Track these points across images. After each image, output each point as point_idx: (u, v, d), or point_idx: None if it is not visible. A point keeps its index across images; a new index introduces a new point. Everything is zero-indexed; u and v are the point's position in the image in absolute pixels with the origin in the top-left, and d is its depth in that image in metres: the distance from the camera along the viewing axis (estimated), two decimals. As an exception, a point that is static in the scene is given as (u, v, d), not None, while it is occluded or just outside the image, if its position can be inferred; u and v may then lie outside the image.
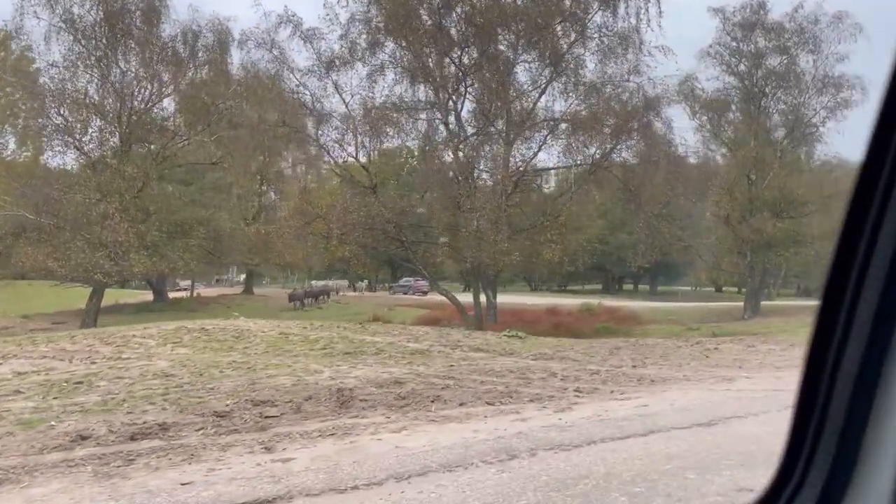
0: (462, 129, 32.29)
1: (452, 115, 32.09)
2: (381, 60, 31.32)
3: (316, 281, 69.97)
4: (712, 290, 78.03)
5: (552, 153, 33.12)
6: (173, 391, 10.28)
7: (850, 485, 1.73)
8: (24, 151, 42.33)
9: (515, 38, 31.30)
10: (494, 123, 31.78)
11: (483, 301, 31.71)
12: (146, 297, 55.07)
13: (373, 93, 31.62)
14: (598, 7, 30.85)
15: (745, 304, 45.24)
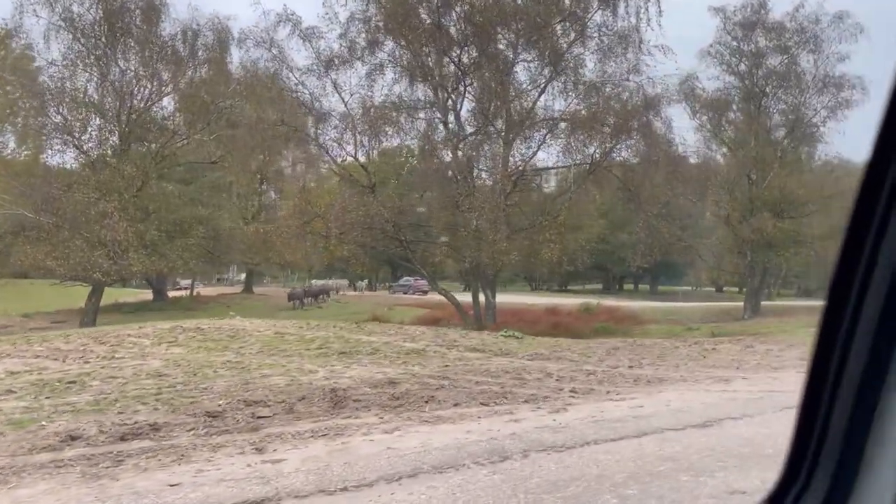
0: (461, 129, 32.25)
1: (452, 115, 32.06)
2: (380, 59, 31.30)
3: (316, 280, 70.00)
4: (713, 290, 77.99)
5: (551, 152, 33.07)
6: (166, 391, 10.23)
7: (856, 485, 1.73)
8: (24, 150, 42.24)
9: (515, 37, 31.23)
10: (494, 123, 31.71)
11: (482, 301, 31.65)
12: (146, 296, 55.07)
13: (372, 92, 31.61)
14: (597, 6, 30.79)
15: (745, 305, 45.22)
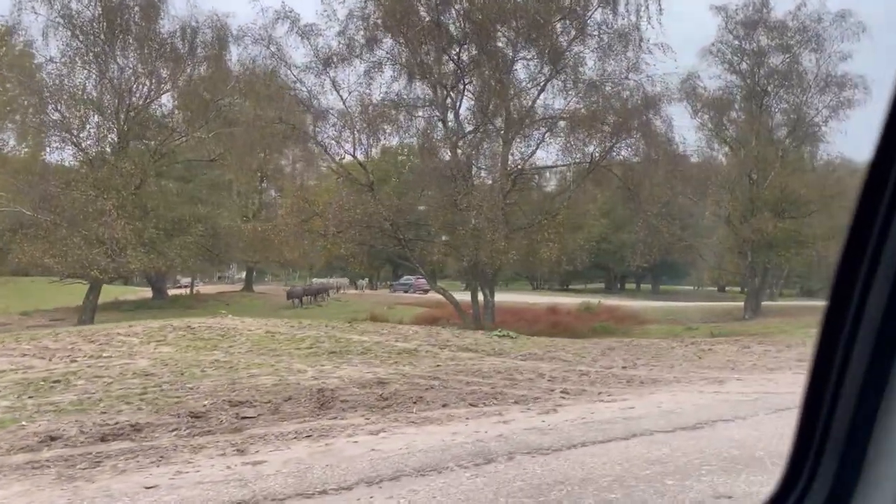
0: (460, 127, 32.10)
1: (451, 113, 31.91)
2: (378, 57, 31.15)
3: (317, 278, 70.00)
4: (715, 290, 77.79)
5: (551, 151, 32.94)
6: (151, 391, 10.12)
7: (859, 485, 1.72)
8: (24, 148, 42.15)
9: (515, 35, 31.08)
10: (493, 121, 31.57)
11: (481, 300, 31.51)
12: (147, 294, 54.96)
13: (370, 90, 31.46)
14: (597, 4, 30.61)
15: (746, 305, 45.08)
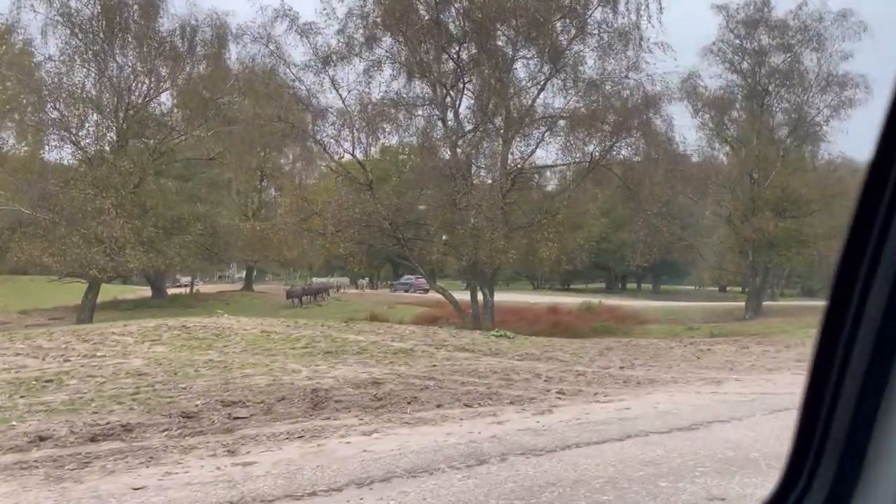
0: (460, 126, 32.02)
1: (450, 112, 31.83)
2: (377, 56, 31.09)
3: (318, 278, 69.92)
4: (716, 290, 77.60)
5: (550, 150, 32.87)
6: (144, 391, 10.06)
7: (859, 485, 1.71)
8: (23, 146, 42.10)
9: (515, 33, 30.99)
10: (493, 120, 31.49)
11: (481, 299, 31.43)
12: (147, 293, 54.89)
13: (369, 88, 31.39)
14: (597, 3, 30.52)
15: (747, 305, 44.95)
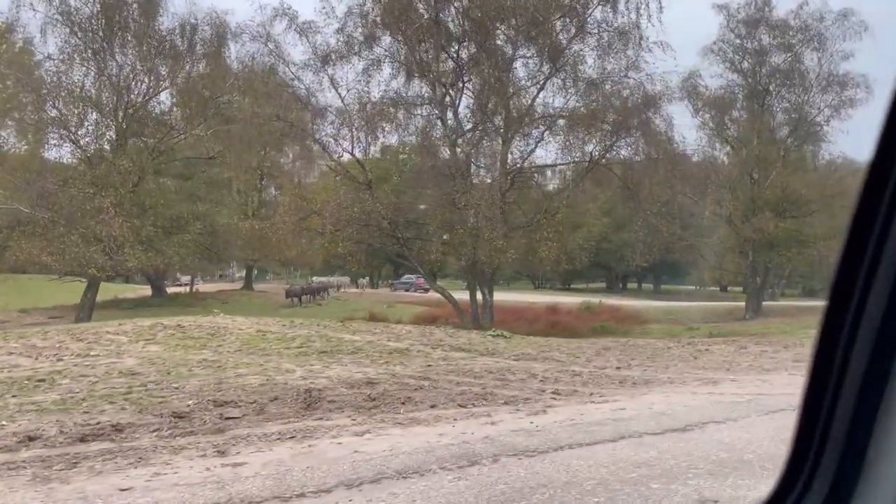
0: (459, 125, 31.96)
1: (450, 111, 31.77)
2: (377, 55, 31.04)
3: (318, 277, 69.91)
4: (717, 290, 77.51)
5: (550, 150, 32.81)
6: (136, 390, 10.00)
7: (858, 485, 1.71)
8: (23, 145, 42.06)
9: (514, 32, 30.93)
10: (492, 119, 31.42)
11: (480, 299, 31.37)
12: (146, 292, 54.85)
13: (368, 88, 31.34)
14: (597, 2, 30.44)
15: (747, 305, 44.89)
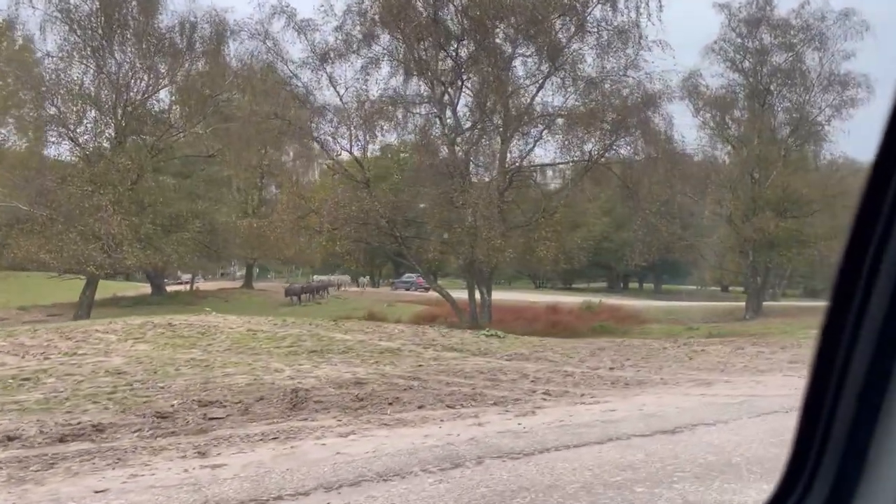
0: (458, 124, 31.84)
1: (448, 110, 31.65)
2: (375, 53, 30.95)
3: (319, 276, 69.84)
4: (718, 290, 77.28)
5: (549, 149, 32.71)
6: (121, 390, 9.92)
7: (860, 486, 1.69)
8: (24, 142, 42.03)
9: (514, 31, 30.81)
10: (491, 118, 31.31)
11: (479, 298, 31.26)
12: (147, 290, 54.79)
13: (367, 86, 31.25)
14: (597, 1, 30.34)
15: (747, 305, 44.72)
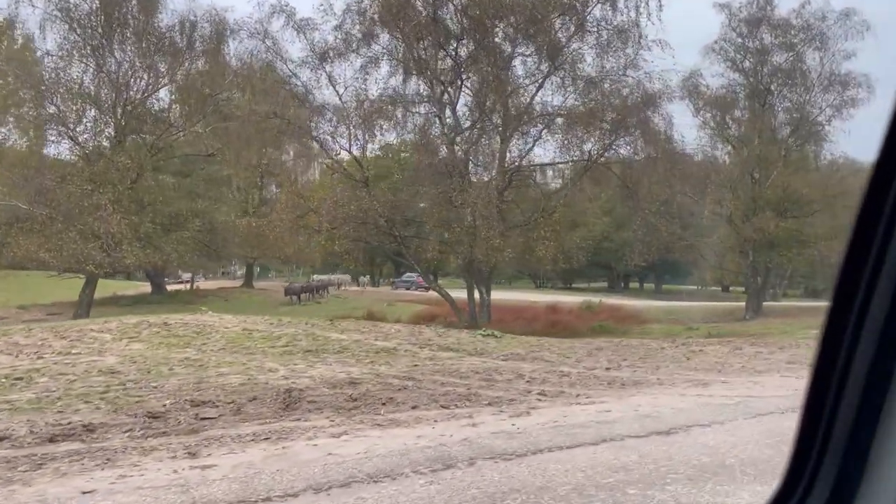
0: (458, 123, 31.79)
1: (448, 109, 31.61)
2: (375, 52, 30.91)
3: (319, 275, 69.79)
4: (719, 290, 77.18)
5: (548, 148, 32.67)
6: (114, 389, 9.88)
7: (861, 487, 1.69)
8: (24, 141, 42.03)
9: (513, 30, 30.77)
10: (490, 117, 31.27)
11: (478, 298, 31.22)
12: (148, 289, 54.78)
13: (366, 85, 31.22)
14: (597, 0, 30.29)
15: (747, 305, 44.65)
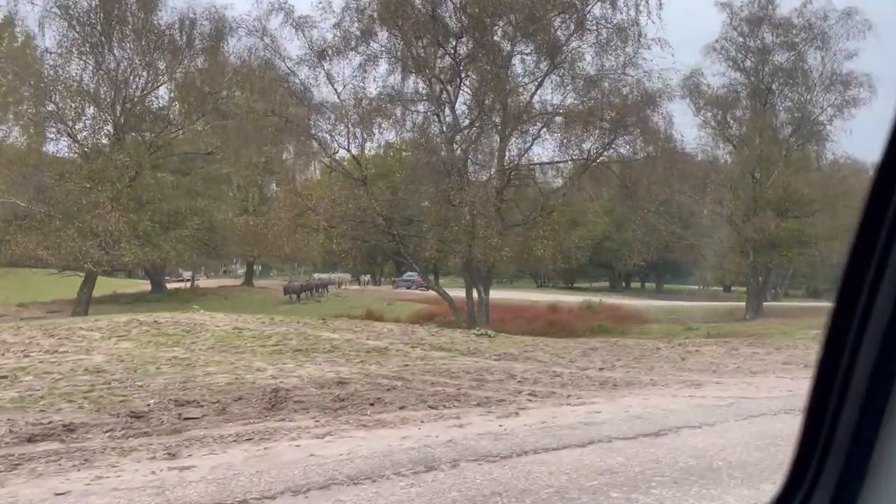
0: (456, 122, 31.68)
1: (447, 108, 31.51)
2: (373, 50, 30.82)
3: (319, 274, 69.67)
4: (720, 290, 76.96)
5: (547, 147, 32.57)
6: (98, 388, 9.79)
7: (863, 489, 1.69)
8: (23, 138, 42.00)
9: (512, 29, 30.65)
10: (490, 116, 31.16)
11: (477, 297, 31.11)
12: (147, 287, 54.74)
13: (364, 83, 31.13)
14: (596, -2, 30.17)
15: (747, 305, 44.46)
